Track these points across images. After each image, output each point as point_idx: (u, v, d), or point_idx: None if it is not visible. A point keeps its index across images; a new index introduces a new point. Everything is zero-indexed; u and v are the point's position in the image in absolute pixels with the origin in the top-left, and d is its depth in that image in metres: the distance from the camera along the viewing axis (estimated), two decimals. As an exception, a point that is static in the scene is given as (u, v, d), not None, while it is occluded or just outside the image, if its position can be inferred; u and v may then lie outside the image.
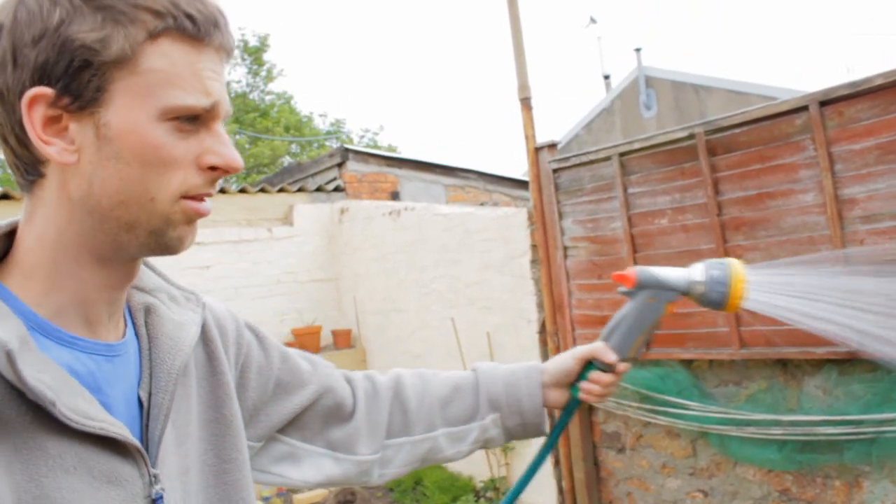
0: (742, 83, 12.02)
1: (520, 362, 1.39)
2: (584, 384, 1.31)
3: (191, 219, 0.84)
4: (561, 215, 4.71)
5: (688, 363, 4.13)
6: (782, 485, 3.83)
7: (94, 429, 0.76)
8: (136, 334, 0.92)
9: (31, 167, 0.80)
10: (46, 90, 0.75)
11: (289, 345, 6.49)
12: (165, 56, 0.78)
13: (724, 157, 3.79)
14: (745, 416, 3.83)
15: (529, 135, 4.86)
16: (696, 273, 1.27)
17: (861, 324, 1.23)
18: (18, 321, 0.76)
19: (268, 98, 18.51)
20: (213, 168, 0.83)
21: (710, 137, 3.83)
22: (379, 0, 48.75)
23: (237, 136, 17.14)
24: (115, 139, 0.77)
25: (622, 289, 1.32)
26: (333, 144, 18.59)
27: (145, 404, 0.88)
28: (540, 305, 4.98)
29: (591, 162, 4.48)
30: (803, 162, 3.49)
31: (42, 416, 0.74)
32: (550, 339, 4.82)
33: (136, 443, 0.81)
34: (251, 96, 18.21)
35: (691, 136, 3.90)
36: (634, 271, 1.30)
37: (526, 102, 4.88)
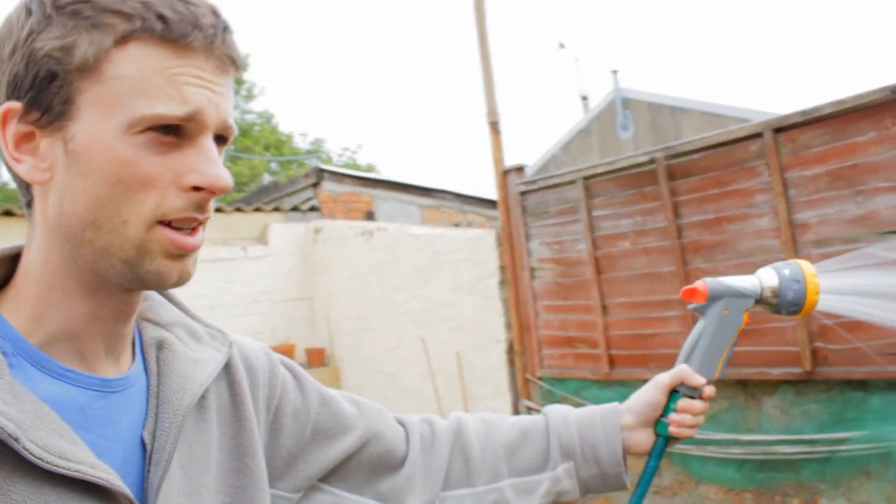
0: (717, 105, 12.16)
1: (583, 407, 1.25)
2: (673, 416, 1.17)
3: (169, 251, 0.74)
4: (528, 237, 4.79)
5: (651, 383, 4.20)
6: (742, 503, 3.90)
7: (67, 470, 0.67)
8: (147, 370, 0.83)
9: (23, 189, 0.75)
10: (15, 104, 0.71)
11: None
12: (134, 62, 0.70)
13: (684, 182, 3.89)
14: (705, 436, 3.90)
15: (497, 158, 4.95)
16: (766, 276, 1.20)
17: None
18: None
19: (248, 117, 18.65)
20: (196, 188, 0.73)
21: (670, 162, 3.92)
22: (359, 21, 49.05)
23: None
24: (81, 154, 0.70)
25: (693, 305, 1.22)
26: (314, 163, 18.72)
27: (149, 447, 0.79)
28: (508, 326, 5.05)
29: (557, 185, 4.57)
30: (759, 187, 3.60)
31: (7, 455, 0.66)
32: (518, 359, 4.89)
33: (125, 490, 0.72)
34: (231, 114, 18.40)
35: (652, 161, 3.99)
36: (705, 283, 1.20)
37: (494, 127, 4.97)
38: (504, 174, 4.91)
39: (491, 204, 8.88)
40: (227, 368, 0.93)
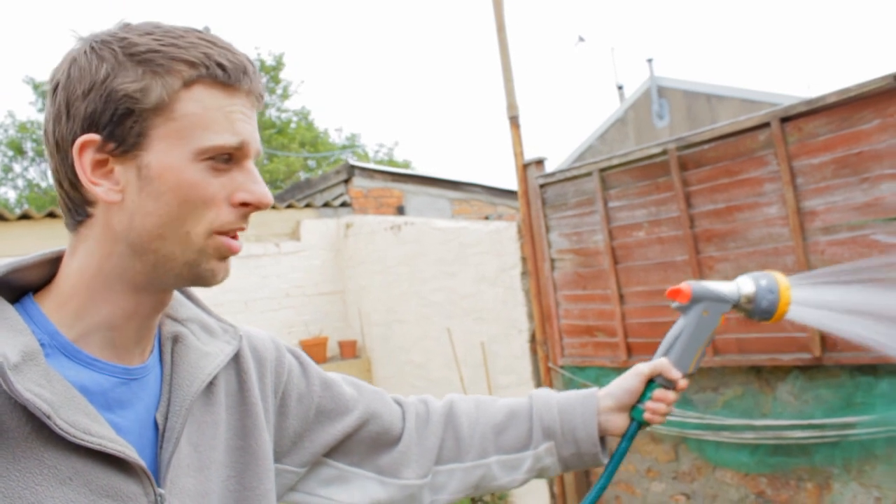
0: (753, 91, 12.05)
1: (579, 390, 1.38)
2: (649, 404, 1.29)
3: (223, 254, 0.89)
4: (548, 229, 4.88)
5: (667, 370, 4.27)
6: (758, 487, 3.96)
7: (91, 443, 0.80)
8: (161, 361, 0.97)
9: (80, 207, 0.88)
10: (94, 136, 0.83)
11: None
12: (198, 101, 0.85)
13: (695, 172, 3.95)
14: (719, 422, 3.97)
15: (518, 151, 5.04)
16: (745, 284, 1.30)
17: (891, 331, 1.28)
18: (31, 338, 0.83)
19: (284, 115, 18.96)
20: (244, 204, 0.89)
21: (682, 153, 3.99)
22: (396, 17, 49.20)
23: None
24: (155, 179, 0.84)
25: (676, 304, 1.33)
26: (350, 159, 18.94)
27: (161, 427, 0.92)
28: (530, 316, 5.15)
29: (575, 177, 4.65)
30: (767, 176, 3.65)
31: (41, 429, 0.79)
32: (540, 349, 4.99)
33: (140, 462, 0.85)
34: (267, 114, 18.68)
35: (664, 152, 4.06)
36: (689, 286, 1.31)
37: (514, 121, 5.06)
38: (524, 167, 5.00)
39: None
40: (237, 358, 1.07)
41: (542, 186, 4.90)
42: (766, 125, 3.62)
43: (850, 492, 3.57)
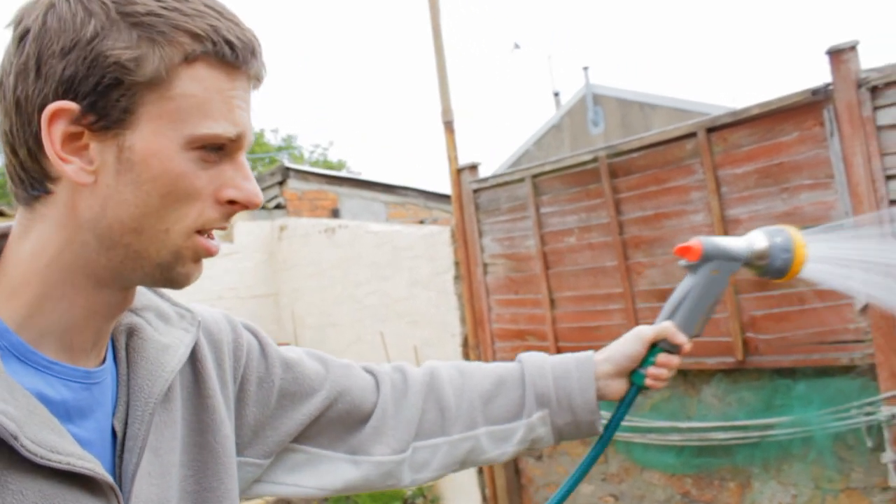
0: (684, 101, 12.30)
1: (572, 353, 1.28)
2: (651, 370, 1.20)
3: (199, 256, 0.79)
4: (481, 233, 4.92)
5: (597, 374, 4.35)
6: (683, 488, 4.06)
7: (59, 463, 0.70)
8: (115, 359, 0.85)
9: (38, 182, 0.74)
10: (71, 105, 0.70)
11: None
12: (199, 81, 0.73)
13: (625, 180, 4.03)
14: (647, 424, 4.06)
15: (452, 156, 5.07)
16: (757, 241, 1.22)
17: None
18: None
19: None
20: (231, 202, 0.78)
21: (612, 161, 4.07)
22: (335, 20, 49.01)
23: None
24: (137, 164, 0.73)
25: (684, 262, 1.24)
26: (285, 161, 18.76)
27: (119, 435, 0.81)
28: (463, 320, 5.19)
29: (507, 183, 4.71)
30: (694, 184, 3.75)
31: (4, 449, 0.68)
32: (472, 353, 5.03)
33: (109, 479, 0.75)
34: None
35: (595, 160, 4.14)
36: (700, 242, 1.22)
37: (448, 126, 5.10)
38: (458, 172, 5.04)
39: (455, 200, 9.00)
40: (193, 347, 0.94)
41: (475, 191, 4.94)
42: (692, 135, 3.72)
43: (769, 490, 3.69)
